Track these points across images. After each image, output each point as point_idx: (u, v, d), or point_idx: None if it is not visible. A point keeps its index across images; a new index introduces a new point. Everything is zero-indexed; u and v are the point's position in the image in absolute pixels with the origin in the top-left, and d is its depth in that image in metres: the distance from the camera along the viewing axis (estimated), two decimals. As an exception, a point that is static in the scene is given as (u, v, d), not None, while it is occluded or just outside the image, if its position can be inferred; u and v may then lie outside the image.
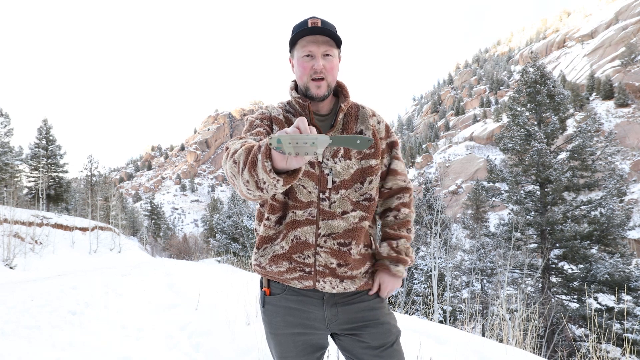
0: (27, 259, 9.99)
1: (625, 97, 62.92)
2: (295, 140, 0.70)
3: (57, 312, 4.22)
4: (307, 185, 1.11)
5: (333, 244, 1.11)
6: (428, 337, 3.16)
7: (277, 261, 1.13)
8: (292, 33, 1.12)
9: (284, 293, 1.15)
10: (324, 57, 1.09)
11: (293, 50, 1.14)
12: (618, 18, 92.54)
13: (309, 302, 1.14)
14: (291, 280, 1.12)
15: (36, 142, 26.00)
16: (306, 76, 1.10)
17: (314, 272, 1.10)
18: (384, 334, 1.12)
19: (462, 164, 75.37)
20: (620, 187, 10.58)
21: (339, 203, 1.12)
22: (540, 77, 11.92)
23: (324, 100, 1.15)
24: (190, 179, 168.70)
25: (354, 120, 1.18)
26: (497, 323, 4.66)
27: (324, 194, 1.11)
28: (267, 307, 1.17)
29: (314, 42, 1.07)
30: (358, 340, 1.13)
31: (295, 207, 1.12)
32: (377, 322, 1.13)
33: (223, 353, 2.85)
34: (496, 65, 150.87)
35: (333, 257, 1.11)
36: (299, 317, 1.13)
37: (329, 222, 1.11)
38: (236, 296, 4.96)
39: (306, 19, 1.10)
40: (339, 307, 1.14)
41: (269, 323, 1.17)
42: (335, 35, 1.08)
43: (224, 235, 22.68)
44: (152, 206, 54.82)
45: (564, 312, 9.34)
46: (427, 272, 11.80)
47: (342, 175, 1.12)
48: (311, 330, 1.14)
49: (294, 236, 1.11)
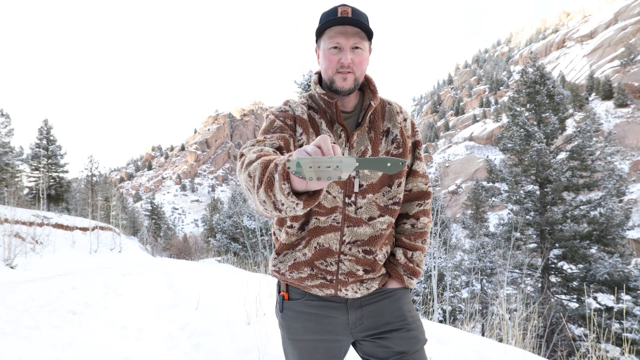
0: (27, 258, 10.00)
1: (624, 98, 62.95)
2: (317, 164, 0.61)
3: (57, 312, 4.22)
4: (332, 190, 1.04)
5: (358, 251, 1.04)
6: (428, 337, 3.15)
7: (299, 268, 1.06)
8: (319, 22, 1.02)
9: (304, 298, 1.09)
10: (352, 51, 0.99)
11: (319, 40, 1.04)
12: (617, 18, 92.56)
13: (332, 306, 1.07)
14: (312, 288, 1.06)
15: (37, 142, 26.01)
16: (332, 70, 1.01)
17: (335, 281, 1.04)
18: (410, 340, 1.04)
19: (462, 164, 75.36)
20: (620, 187, 10.59)
21: (365, 208, 1.05)
22: (539, 77, 11.93)
23: (349, 95, 1.06)
24: (190, 179, 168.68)
25: (381, 118, 1.10)
26: (497, 323, 4.66)
27: (350, 198, 1.04)
28: (286, 312, 1.11)
29: (342, 33, 0.97)
30: (381, 345, 1.04)
31: (318, 213, 1.04)
32: (405, 327, 1.05)
33: (223, 353, 2.86)
34: (496, 65, 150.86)
35: (359, 264, 1.05)
36: (320, 323, 1.07)
37: (354, 228, 1.04)
38: (236, 296, 4.97)
39: (335, 7, 0.99)
40: (364, 308, 1.07)
41: (288, 328, 1.10)
42: (367, 26, 0.98)
43: (224, 235, 22.67)
44: (152, 206, 54.78)
45: (563, 312, 9.35)
46: (427, 271, 11.80)
47: (370, 178, 1.04)
48: (333, 337, 1.07)
49: (317, 243, 1.05)
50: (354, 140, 1.05)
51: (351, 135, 1.05)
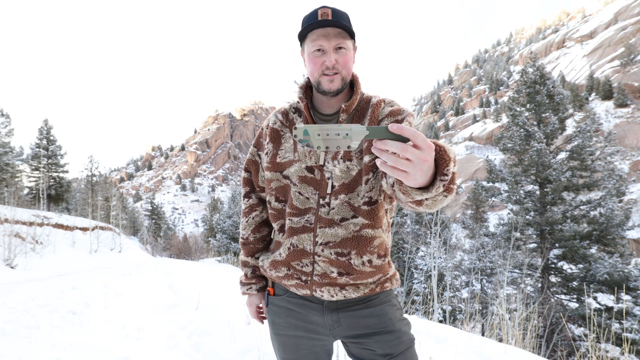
0: (27, 258, 10.00)
1: (624, 98, 62.94)
2: (326, 131, 0.59)
3: (57, 312, 4.22)
4: (304, 191, 1.05)
5: (330, 252, 1.02)
6: (428, 337, 3.16)
7: (277, 267, 1.10)
8: (301, 25, 1.02)
9: (286, 295, 1.12)
10: (336, 51, 0.99)
11: (303, 44, 1.04)
12: (617, 18, 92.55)
13: (309, 306, 1.08)
14: (290, 287, 1.10)
15: (37, 142, 26.00)
16: (317, 72, 1.01)
17: (310, 282, 1.04)
18: (391, 342, 1.01)
19: (462, 164, 75.35)
20: (620, 187, 10.59)
21: (337, 209, 1.03)
22: (539, 77, 11.93)
23: (337, 96, 1.06)
24: (190, 179, 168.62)
25: (361, 118, 1.07)
26: (497, 323, 4.67)
27: (324, 199, 1.04)
28: (271, 306, 1.16)
29: (324, 35, 0.98)
30: (365, 348, 1.04)
31: (291, 214, 1.07)
32: (384, 329, 1.02)
33: (223, 353, 2.86)
34: (496, 65, 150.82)
35: (333, 266, 1.03)
36: (301, 320, 1.09)
37: (326, 229, 1.03)
38: (236, 296, 4.97)
39: (316, 10, 0.99)
40: (340, 312, 1.06)
41: (273, 323, 1.15)
42: (348, 26, 0.98)
43: (224, 235, 22.68)
44: (152, 206, 54.76)
45: (563, 312, 9.35)
46: (427, 271, 11.80)
47: (342, 178, 1.03)
48: (314, 335, 1.09)
49: (291, 244, 1.06)
50: None
51: None
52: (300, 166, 1.06)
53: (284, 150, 1.10)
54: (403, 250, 12.63)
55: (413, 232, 15.31)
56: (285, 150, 1.10)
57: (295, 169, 1.07)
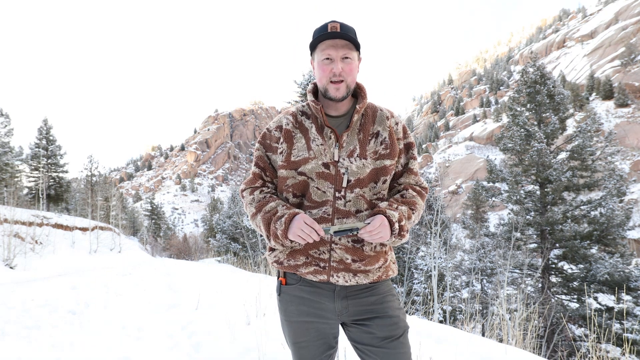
0: (27, 258, 9.99)
1: (624, 97, 62.95)
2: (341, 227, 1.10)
3: (57, 312, 4.22)
4: (321, 186, 1.17)
5: (347, 241, 1.16)
6: (428, 337, 3.16)
7: (295, 256, 1.19)
8: (312, 37, 1.17)
9: (299, 284, 1.21)
10: (342, 61, 1.14)
11: (314, 53, 1.19)
12: (618, 18, 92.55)
13: (322, 293, 1.19)
14: (307, 274, 1.18)
15: (36, 142, 25.99)
16: (325, 79, 1.15)
17: (328, 267, 1.16)
18: (391, 326, 1.15)
19: (462, 164, 75.37)
20: (620, 187, 10.57)
21: (353, 202, 1.17)
22: (540, 77, 11.92)
23: (342, 101, 1.20)
24: (190, 179, 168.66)
25: (372, 122, 1.22)
26: (497, 323, 4.67)
27: (340, 192, 1.16)
28: (283, 295, 1.24)
29: (332, 46, 1.12)
30: (365, 331, 1.17)
31: (309, 207, 1.18)
32: (385, 314, 1.17)
33: (223, 353, 2.85)
34: (496, 65, 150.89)
35: (348, 253, 1.16)
36: (312, 306, 1.19)
37: (343, 220, 1.16)
38: (236, 296, 4.97)
39: (326, 24, 1.14)
40: (349, 299, 1.18)
41: (284, 311, 1.23)
42: (354, 39, 1.12)
43: (224, 235, 22.67)
44: (152, 206, 54.74)
45: (563, 312, 9.35)
46: (427, 272, 11.79)
47: (357, 174, 1.16)
48: (323, 320, 1.20)
49: None
50: (343, 140, 1.19)
51: (340, 136, 1.19)
52: (317, 163, 1.17)
53: (297, 149, 1.21)
54: (403, 250, 12.63)
55: (413, 232, 15.31)
56: (299, 149, 1.21)
57: (312, 166, 1.18)
